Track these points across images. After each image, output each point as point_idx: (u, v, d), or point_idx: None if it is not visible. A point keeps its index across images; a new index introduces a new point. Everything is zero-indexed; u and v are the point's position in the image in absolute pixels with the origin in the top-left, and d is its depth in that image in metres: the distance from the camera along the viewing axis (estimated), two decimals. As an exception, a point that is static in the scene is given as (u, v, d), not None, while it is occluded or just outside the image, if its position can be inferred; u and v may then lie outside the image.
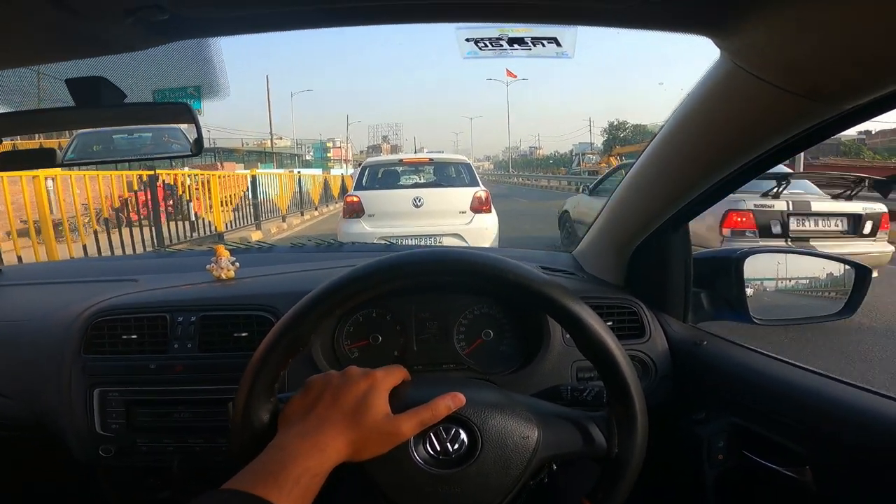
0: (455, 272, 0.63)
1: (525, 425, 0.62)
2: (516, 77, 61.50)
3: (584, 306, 0.62)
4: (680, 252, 0.99)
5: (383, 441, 0.58)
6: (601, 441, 0.63)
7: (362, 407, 0.58)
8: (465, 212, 5.52)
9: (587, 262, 1.19)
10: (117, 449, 0.95)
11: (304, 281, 1.07)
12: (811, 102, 0.52)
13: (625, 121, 50.55)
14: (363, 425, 0.57)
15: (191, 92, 0.70)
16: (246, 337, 0.97)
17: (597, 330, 0.62)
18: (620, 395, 0.62)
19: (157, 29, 0.46)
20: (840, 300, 0.97)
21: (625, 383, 0.62)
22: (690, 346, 0.95)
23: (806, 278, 1.01)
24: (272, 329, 0.62)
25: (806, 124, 0.57)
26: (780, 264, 1.00)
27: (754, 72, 0.52)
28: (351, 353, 0.99)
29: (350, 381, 0.61)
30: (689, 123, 0.70)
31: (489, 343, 0.99)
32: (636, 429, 0.62)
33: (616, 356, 0.62)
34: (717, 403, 0.88)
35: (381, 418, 0.58)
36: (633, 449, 0.62)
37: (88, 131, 1.00)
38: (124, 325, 0.99)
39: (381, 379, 0.61)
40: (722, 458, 0.84)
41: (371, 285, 0.62)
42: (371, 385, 0.60)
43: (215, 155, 24.06)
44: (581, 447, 0.63)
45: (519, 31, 0.64)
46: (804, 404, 0.75)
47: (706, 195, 0.81)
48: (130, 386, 0.96)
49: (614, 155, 31.95)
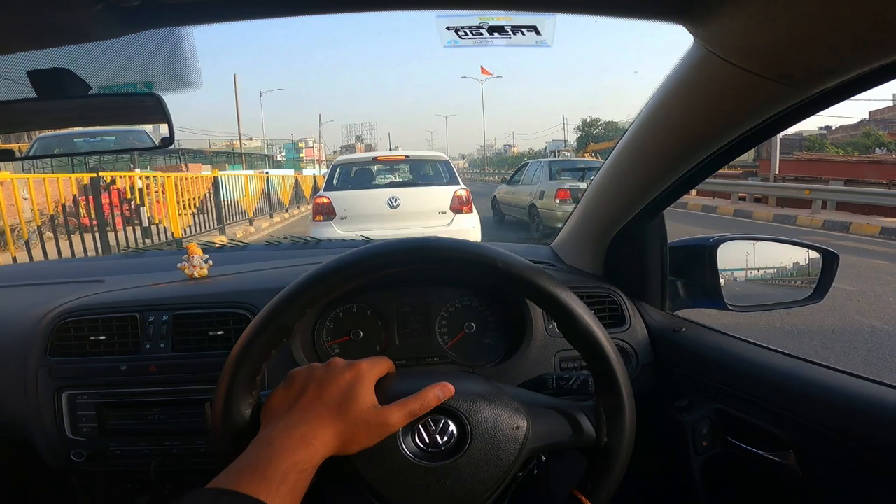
0: (443, 260, 0.62)
1: (514, 416, 0.62)
2: (491, 74, 61.58)
3: (572, 295, 0.62)
4: (656, 241, 1.01)
5: (372, 432, 0.56)
6: (590, 430, 0.63)
7: (348, 398, 0.57)
8: (444, 212, 5.25)
9: (566, 254, 1.21)
10: (90, 453, 0.92)
11: (281, 277, 1.05)
12: (782, 86, 0.53)
13: (597, 118, 51.27)
14: (350, 417, 0.56)
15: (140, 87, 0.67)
16: (222, 335, 0.94)
17: (585, 318, 0.62)
18: (608, 383, 0.63)
19: (128, 16, 0.44)
20: (809, 286, 1.00)
21: (612, 372, 0.62)
22: (669, 333, 0.97)
23: (775, 266, 1.04)
24: (256, 317, 0.60)
25: (777, 108, 0.58)
26: (751, 252, 1.03)
27: (727, 57, 0.53)
28: (332, 350, 0.97)
29: (334, 372, 0.59)
30: (663, 112, 0.71)
31: (472, 335, 0.99)
32: (624, 417, 0.62)
33: (604, 344, 0.62)
34: (699, 390, 0.89)
35: (368, 409, 0.57)
36: (623, 437, 0.62)
37: (49, 134, 0.97)
38: (92, 326, 0.95)
39: (366, 370, 0.60)
40: (707, 445, 0.85)
41: (358, 273, 0.60)
42: (356, 376, 0.59)
43: (180, 156, 23.37)
44: (571, 437, 0.63)
45: (499, 19, 0.64)
46: (784, 388, 0.76)
47: (680, 183, 0.82)
48: (101, 388, 0.93)
49: (588, 151, 32.34)
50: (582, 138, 49.89)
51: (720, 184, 14.13)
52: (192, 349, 0.94)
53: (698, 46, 0.56)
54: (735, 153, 0.72)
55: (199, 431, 0.90)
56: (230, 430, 0.59)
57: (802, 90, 0.54)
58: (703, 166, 0.77)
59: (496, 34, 0.66)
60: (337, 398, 0.57)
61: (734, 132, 0.66)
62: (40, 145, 7.42)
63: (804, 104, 0.57)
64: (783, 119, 0.61)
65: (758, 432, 0.78)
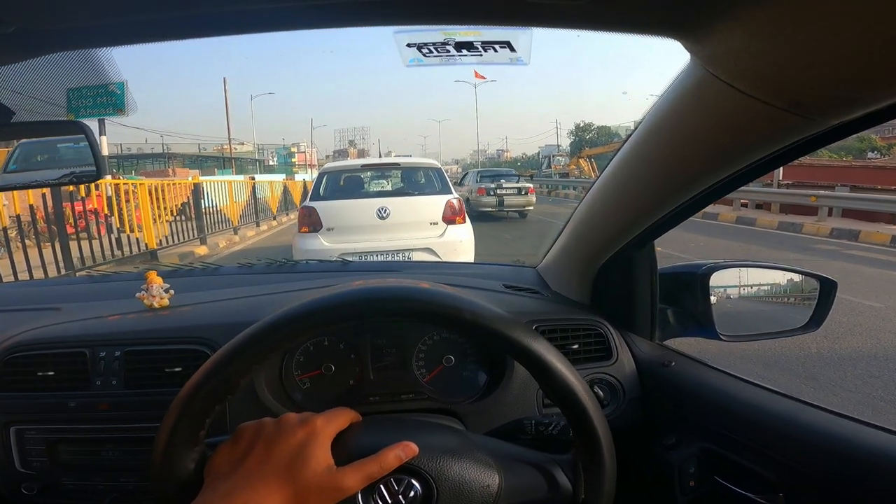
0: (404, 312, 0.57)
1: (485, 472, 0.57)
2: (485, 78, 61.78)
3: (549, 346, 0.57)
4: (646, 269, 0.96)
5: (325, 497, 0.51)
6: (567, 486, 0.59)
7: (299, 459, 0.52)
8: (436, 223, 4.90)
9: (552, 279, 1.16)
10: (41, 487, 0.87)
11: (247, 309, 0.98)
12: (794, 116, 0.46)
13: (590, 122, 51.74)
14: (300, 481, 0.51)
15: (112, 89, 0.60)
16: (179, 372, 0.88)
17: (562, 371, 0.57)
18: (587, 439, 0.58)
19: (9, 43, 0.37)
20: (805, 314, 0.95)
21: (591, 427, 0.57)
22: (658, 366, 0.92)
23: (770, 294, 0.99)
24: (196, 372, 0.55)
25: (789, 140, 0.51)
26: (745, 280, 0.98)
27: (729, 81, 0.46)
28: (302, 384, 0.91)
29: (285, 429, 0.54)
30: (659, 135, 0.64)
31: (450, 369, 0.93)
32: (604, 473, 0.58)
33: (583, 399, 0.57)
34: (687, 427, 0.84)
35: (321, 472, 0.51)
36: (602, 493, 0.58)
37: (31, 141, 0.91)
38: (40, 362, 0.90)
39: (321, 427, 0.55)
40: (693, 485, 0.80)
41: (306, 327, 0.55)
42: (310, 434, 0.54)
43: (166, 161, 23.13)
44: (546, 493, 0.59)
45: (467, 34, 0.58)
46: (776, 429, 0.72)
47: (675, 214, 0.76)
48: (49, 423, 0.87)
49: (583, 157, 32.31)
50: (575, 143, 50.18)
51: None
52: (147, 386, 0.88)
53: (696, 65, 0.50)
54: (739, 183, 0.64)
55: None
56: (171, 483, 0.54)
57: (818, 122, 0.47)
58: (701, 198, 0.70)
59: (464, 51, 0.60)
60: (286, 459, 0.52)
61: (738, 163, 0.59)
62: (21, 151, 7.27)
63: (819, 136, 0.50)
64: (794, 150, 0.54)
65: (747, 474, 0.74)
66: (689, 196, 0.70)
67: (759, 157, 0.56)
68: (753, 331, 0.98)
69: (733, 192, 3.67)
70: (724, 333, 0.93)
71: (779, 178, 14.53)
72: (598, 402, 0.70)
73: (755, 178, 0.65)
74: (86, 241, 6.61)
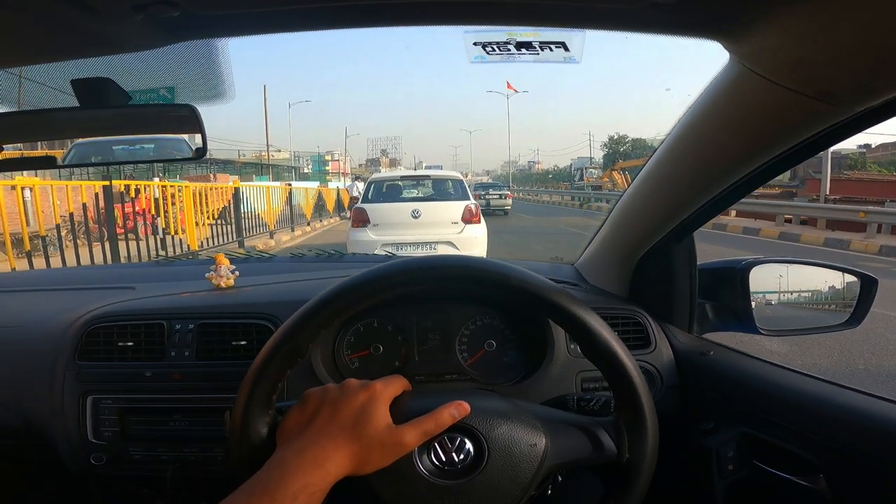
0: (458, 278, 0.62)
1: (532, 433, 0.61)
2: (516, 91, 61.34)
3: (590, 311, 0.62)
4: (685, 263, 0.98)
5: (386, 453, 0.56)
6: (611, 447, 0.61)
7: (362, 419, 0.57)
8: (457, 222, 6.17)
9: (590, 274, 1.19)
10: (109, 457, 0.93)
11: (304, 290, 1.06)
12: (824, 104, 0.51)
13: (625, 135, 50.13)
14: (364, 437, 0.56)
15: (163, 94, 0.69)
16: (245, 345, 0.95)
17: (603, 334, 0.61)
18: (629, 398, 0.61)
19: (166, 27, 0.45)
20: (845, 311, 0.96)
21: (633, 386, 0.61)
22: (697, 356, 0.94)
23: (810, 290, 1.01)
24: (269, 339, 0.61)
25: (818, 127, 0.56)
26: (784, 275, 1.00)
27: (766, 74, 0.52)
28: (351, 364, 0.97)
29: (348, 393, 0.59)
30: (697, 130, 0.69)
31: (492, 354, 0.98)
32: (647, 432, 0.61)
33: (623, 359, 0.61)
34: (727, 413, 0.86)
35: (382, 429, 0.57)
36: (645, 453, 0.61)
37: (85, 141, 1.01)
38: (121, 332, 0.97)
39: (380, 390, 0.60)
40: (732, 469, 0.82)
41: (370, 293, 0.60)
42: (370, 396, 0.59)
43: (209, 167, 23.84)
44: (590, 454, 0.62)
45: (527, 35, 0.64)
46: (817, 413, 0.74)
47: (712, 204, 0.80)
48: (125, 393, 0.94)
49: (617, 169, 31.66)
50: (608, 155, 48.99)
51: (764, 204, 13.34)
52: (216, 358, 0.95)
53: (734, 63, 0.55)
54: (771, 174, 0.69)
55: (218, 439, 0.90)
56: (246, 447, 0.59)
57: (844, 108, 0.52)
58: (737, 187, 0.74)
59: (524, 50, 0.66)
60: (350, 419, 0.57)
61: (772, 152, 0.64)
62: (77, 152, 7.45)
63: (847, 123, 0.55)
64: (824, 138, 0.59)
65: (786, 456, 0.76)
66: (726, 185, 0.74)
67: (792, 145, 0.61)
68: (793, 326, 0.99)
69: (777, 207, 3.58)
70: (764, 328, 0.95)
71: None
72: None
73: (788, 169, 0.70)
74: (133, 241, 6.87)
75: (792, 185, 17.79)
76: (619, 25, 0.53)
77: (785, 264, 0.99)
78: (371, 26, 0.51)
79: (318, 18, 0.48)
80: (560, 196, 30.97)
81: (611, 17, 0.52)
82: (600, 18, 0.52)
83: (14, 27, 0.45)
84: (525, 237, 11.56)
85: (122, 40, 0.48)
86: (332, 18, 0.49)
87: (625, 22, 0.52)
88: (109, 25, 0.44)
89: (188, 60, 0.58)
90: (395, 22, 0.54)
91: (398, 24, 0.53)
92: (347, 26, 0.51)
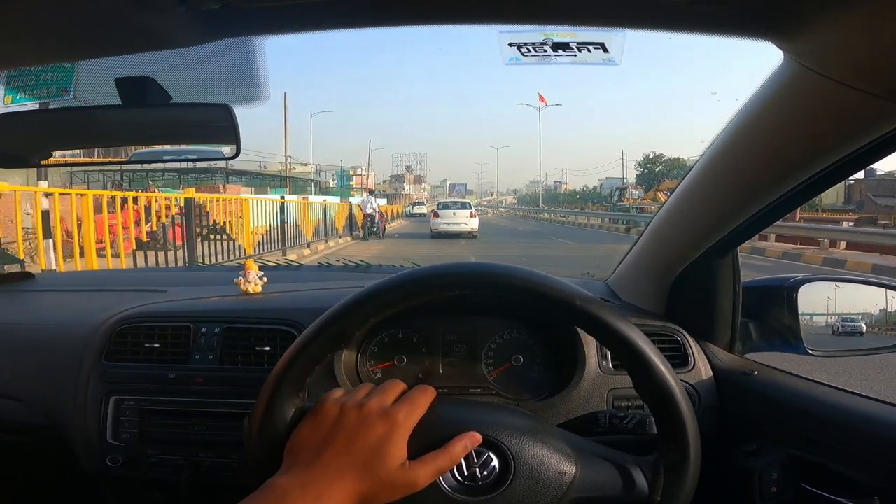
0: (497, 286, 0.59)
1: (563, 460, 0.58)
2: (546, 103, 59.54)
3: (649, 342, 0.58)
4: (728, 279, 0.94)
5: (396, 492, 0.53)
6: (643, 487, 0.58)
7: (377, 456, 0.53)
8: (468, 217, 18.55)
9: (623, 291, 1.15)
10: (125, 459, 0.93)
11: (330, 298, 1.05)
12: (891, 104, 0.48)
13: (661, 154, 48.02)
14: (375, 477, 0.53)
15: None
16: (268, 351, 0.95)
17: (661, 370, 0.57)
18: (675, 441, 0.57)
19: (207, 22, 0.45)
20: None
21: (683, 430, 0.57)
22: (739, 376, 0.89)
23: (862, 310, 0.95)
24: (320, 318, 0.59)
25: (885, 128, 0.52)
26: (833, 296, 0.94)
27: (825, 73, 0.48)
28: (374, 374, 0.95)
29: (367, 423, 0.55)
30: (749, 134, 0.65)
31: (518, 369, 0.95)
32: (686, 477, 0.57)
33: (680, 401, 0.57)
34: (771, 434, 0.82)
35: (395, 468, 0.53)
36: (679, 497, 0.57)
37: (144, 151, 1.04)
38: (148, 334, 0.98)
39: (402, 421, 0.56)
40: (776, 491, 0.77)
41: (425, 289, 0.59)
42: (390, 430, 0.55)
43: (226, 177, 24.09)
44: (619, 491, 0.58)
45: (564, 35, 0.62)
46: (868, 432, 0.70)
47: (762, 215, 0.76)
48: (147, 395, 0.95)
49: (663, 190, 29.72)
50: (642, 175, 47.38)
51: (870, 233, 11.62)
52: (238, 363, 0.95)
53: (790, 62, 0.52)
54: (829, 182, 0.65)
55: (235, 445, 0.90)
56: (263, 447, 0.58)
57: None
58: (790, 198, 0.70)
59: (560, 51, 0.64)
60: (365, 455, 0.54)
61: (834, 156, 0.59)
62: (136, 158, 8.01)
63: None
64: (889, 141, 0.54)
65: (836, 478, 0.71)
66: (778, 194, 0.70)
67: (855, 149, 0.56)
68: (845, 347, 0.93)
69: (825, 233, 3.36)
70: (813, 349, 0.90)
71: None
72: None
73: (845, 177, 0.66)
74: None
75: (848, 208, 16.82)
76: (663, 24, 0.50)
77: (834, 283, 0.94)
78: (407, 24, 0.51)
79: (356, 14, 0.48)
80: (599, 218, 27.56)
81: (655, 14, 0.49)
82: (644, 16, 0.50)
83: (63, 22, 0.46)
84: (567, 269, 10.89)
85: (165, 35, 0.48)
86: (371, 14, 0.48)
87: (670, 20, 0.50)
88: (153, 18, 0.44)
89: (226, 60, 0.58)
90: (433, 20, 0.53)
91: (435, 22, 0.52)
92: (387, 23, 0.50)
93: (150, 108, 0.63)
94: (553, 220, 36.37)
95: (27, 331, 1.10)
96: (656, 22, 0.50)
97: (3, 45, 0.50)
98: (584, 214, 30.97)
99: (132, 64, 0.59)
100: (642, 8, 0.49)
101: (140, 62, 0.58)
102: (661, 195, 28.19)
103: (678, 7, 0.47)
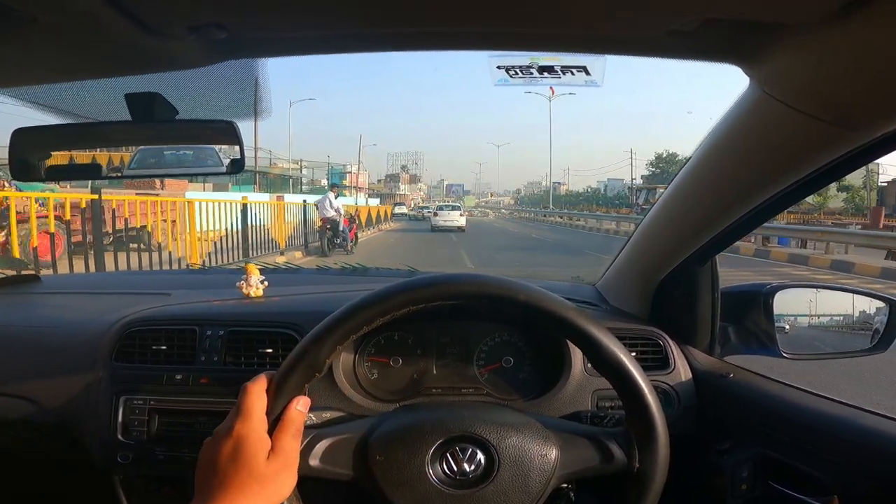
0: (465, 295, 0.63)
1: (543, 444, 0.62)
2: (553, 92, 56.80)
3: (597, 323, 0.62)
4: (707, 286, 0.98)
5: (281, 476, 0.56)
6: (621, 457, 0.62)
7: (241, 460, 0.56)
8: (459, 216, 25.22)
9: (611, 294, 1.19)
10: (135, 456, 0.96)
11: (329, 302, 1.09)
12: (842, 130, 0.52)
13: (674, 153, 45.11)
14: (252, 479, 0.55)
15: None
16: (270, 353, 0.99)
17: (609, 345, 0.61)
18: (638, 408, 0.62)
19: (214, 47, 0.49)
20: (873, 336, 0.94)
21: (642, 396, 0.61)
22: (716, 378, 0.94)
23: (835, 315, 0.99)
24: (289, 355, 0.63)
25: (837, 153, 0.57)
26: (810, 300, 0.99)
27: (784, 100, 0.53)
28: (371, 373, 0.99)
29: (220, 443, 0.59)
30: (718, 153, 0.70)
31: (508, 370, 0.99)
32: (657, 442, 0.61)
33: (630, 370, 0.61)
34: (744, 434, 0.86)
35: (262, 462, 0.56)
36: (656, 462, 0.61)
37: (148, 147, 1.07)
38: (155, 336, 1.01)
39: (238, 429, 0.59)
40: (746, 489, 0.82)
41: (383, 310, 0.61)
42: (237, 441, 0.58)
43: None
44: (600, 463, 0.63)
45: (549, 59, 0.67)
46: (834, 434, 0.74)
47: (735, 227, 0.80)
48: (155, 395, 0.98)
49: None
50: (654, 176, 45.40)
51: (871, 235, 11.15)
52: (242, 364, 0.99)
53: (754, 88, 0.56)
54: (794, 198, 0.69)
55: None
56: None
57: (862, 134, 0.53)
58: (758, 212, 0.75)
59: (546, 74, 0.69)
60: (234, 468, 0.56)
61: (791, 178, 0.64)
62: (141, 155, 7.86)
63: (865, 149, 0.55)
64: (845, 163, 0.59)
65: (802, 478, 0.75)
66: (746, 210, 0.74)
67: (809, 172, 0.61)
68: (817, 350, 0.97)
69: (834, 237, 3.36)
70: (787, 352, 0.94)
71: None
72: None
73: (808, 195, 0.70)
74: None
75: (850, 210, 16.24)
76: (639, 51, 0.55)
77: (812, 289, 0.98)
78: (402, 50, 0.55)
79: (351, 42, 0.52)
80: (618, 222, 24.01)
81: (631, 43, 0.54)
82: (621, 45, 0.55)
83: (81, 45, 0.49)
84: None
85: (175, 58, 0.52)
86: (365, 42, 0.52)
87: (645, 48, 0.54)
88: (165, 44, 0.48)
89: (230, 79, 0.62)
90: (426, 47, 0.57)
91: (428, 49, 0.57)
92: (380, 50, 0.54)
93: (157, 124, 0.67)
94: (562, 222, 33.11)
95: (39, 333, 1.13)
96: (632, 49, 0.55)
97: (25, 64, 0.54)
98: (606, 218, 27.66)
99: (141, 79, 0.62)
100: (618, 38, 0.53)
101: (148, 78, 0.62)
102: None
103: (652, 36, 0.51)
